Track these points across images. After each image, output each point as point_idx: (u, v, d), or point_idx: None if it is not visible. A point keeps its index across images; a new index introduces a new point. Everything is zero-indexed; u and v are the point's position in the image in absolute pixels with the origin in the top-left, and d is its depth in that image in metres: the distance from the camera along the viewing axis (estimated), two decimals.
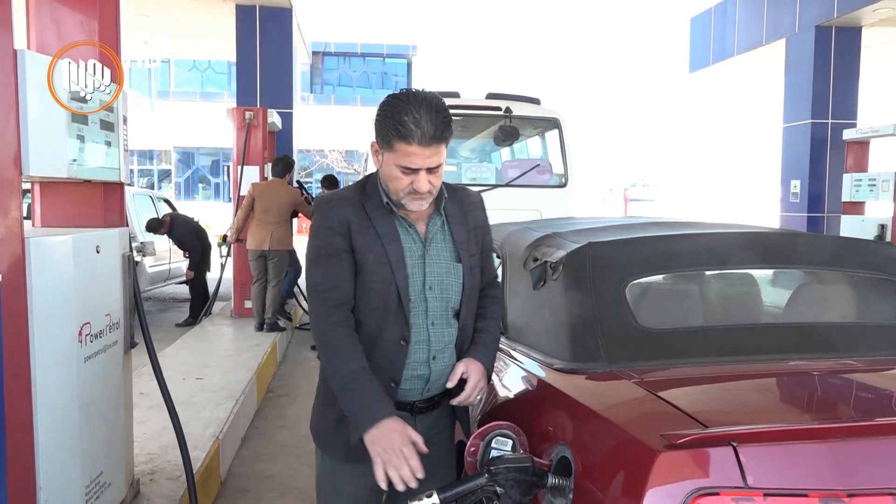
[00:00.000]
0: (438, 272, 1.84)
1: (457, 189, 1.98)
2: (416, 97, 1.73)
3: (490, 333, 1.95)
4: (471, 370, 1.84)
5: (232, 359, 5.82)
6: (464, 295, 1.87)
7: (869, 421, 1.55)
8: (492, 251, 2.05)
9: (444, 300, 1.85)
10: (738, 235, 2.50)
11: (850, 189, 8.94)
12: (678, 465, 1.35)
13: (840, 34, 10.00)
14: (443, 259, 1.86)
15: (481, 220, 1.97)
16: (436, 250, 1.85)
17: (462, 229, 1.89)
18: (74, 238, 2.40)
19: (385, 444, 1.66)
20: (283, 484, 3.76)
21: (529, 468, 1.61)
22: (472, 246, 1.91)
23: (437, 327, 1.85)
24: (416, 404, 1.89)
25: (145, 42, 12.55)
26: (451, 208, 1.90)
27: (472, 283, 1.89)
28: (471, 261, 1.89)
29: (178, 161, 33.17)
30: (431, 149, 1.70)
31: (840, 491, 1.29)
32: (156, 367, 2.86)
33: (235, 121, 8.01)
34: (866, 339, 2.13)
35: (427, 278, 1.83)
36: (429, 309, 1.83)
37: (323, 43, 33.19)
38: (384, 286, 1.79)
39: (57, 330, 2.29)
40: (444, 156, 1.75)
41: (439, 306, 1.85)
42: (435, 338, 1.84)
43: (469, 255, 1.89)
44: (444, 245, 1.87)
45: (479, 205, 1.99)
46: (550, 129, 6.74)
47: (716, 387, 1.85)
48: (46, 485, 2.22)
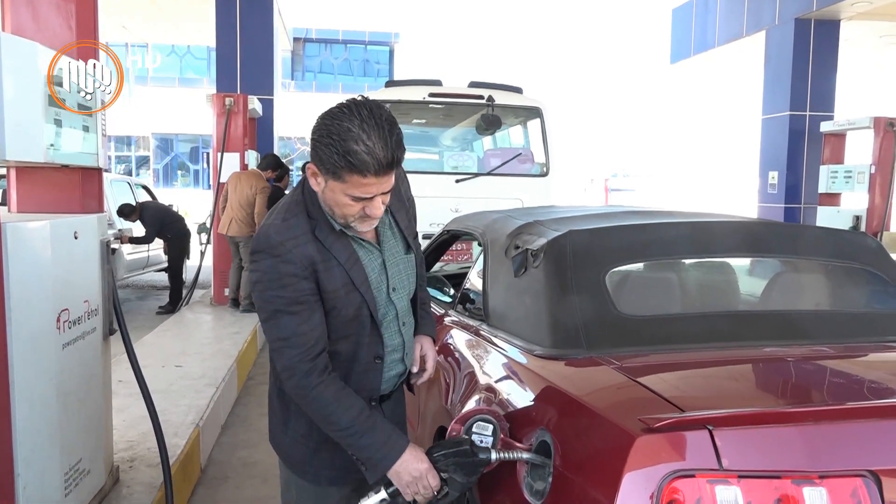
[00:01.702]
0: (397, 272, 1.79)
1: None
2: (363, 118, 1.51)
3: (426, 302, 1.98)
4: (426, 348, 1.90)
5: (212, 346, 5.80)
6: (418, 278, 1.87)
7: (840, 405, 1.58)
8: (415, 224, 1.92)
9: (406, 296, 1.83)
10: (716, 224, 2.53)
11: (826, 180, 9.05)
12: (655, 448, 1.37)
13: (819, 27, 10.10)
14: (397, 256, 1.80)
15: (408, 189, 1.90)
16: (390, 251, 1.78)
17: (403, 213, 1.82)
18: (52, 224, 2.38)
19: (413, 473, 1.63)
20: (264, 471, 3.76)
21: (468, 450, 1.64)
22: (412, 225, 1.86)
23: (407, 326, 1.84)
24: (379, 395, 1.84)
25: (123, 27, 12.36)
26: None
27: (420, 273, 1.91)
28: (415, 242, 1.86)
29: (157, 147, 32.76)
30: (383, 177, 1.54)
31: (812, 472, 1.32)
32: (130, 354, 2.83)
33: (215, 107, 7.94)
34: (839, 326, 2.17)
35: (390, 282, 1.77)
36: (398, 312, 1.80)
37: (304, 29, 32.87)
38: (356, 312, 1.70)
39: (35, 316, 2.26)
40: (392, 181, 1.59)
41: (404, 305, 1.83)
42: (407, 336, 1.85)
43: (413, 237, 1.84)
44: (394, 241, 1.80)
45: (403, 172, 1.87)
46: (532, 119, 6.76)
47: (693, 372, 1.88)
48: (24, 472, 2.21)
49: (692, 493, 1.33)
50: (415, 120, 7.44)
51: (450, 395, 2.39)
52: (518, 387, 2.00)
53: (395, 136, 1.53)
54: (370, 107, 1.54)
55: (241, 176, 7.47)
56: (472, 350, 2.46)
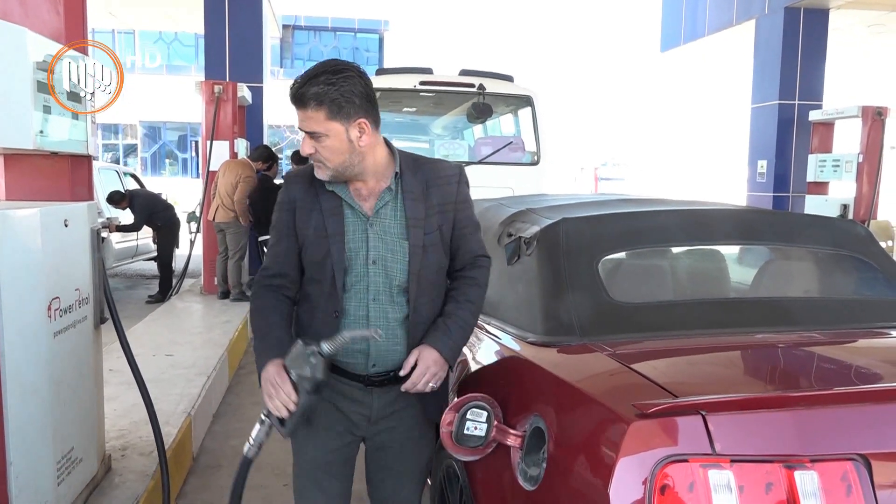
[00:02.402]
0: (382, 248, 1.83)
1: (428, 163, 1.94)
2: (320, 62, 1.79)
3: (456, 318, 1.87)
4: (422, 356, 1.81)
5: (202, 335, 5.78)
6: (411, 273, 1.83)
7: (831, 390, 1.60)
8: (473, 228, 1.94)
9: (387, 277, 1.84)
10: (709, 212, 2.55)
11: (814, 169, 9.10)
12: (649, 433, 1.39)
13: (808, 16, 10.11)
14: (389, 236, 1.84)
15: (452, 196, 1.89)
16: (382, 227, 1.84)
17: (420, 206, 1.85)
18: (42, 211, 2.36)
19: (264, 382, 1.80)
20: (257, 460, 3.75)
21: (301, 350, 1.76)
22: (430, 223, 1.86)
23: (378, 303, 1.84)
24: (367, 378, 1.88)
25: (111, 13, 12.22)
26: (411, 183, 1.86)
27: (424, 261, 1.84)
28: (425, 239, 1.84)
29: (145, 135, 32.48)
30: (301, 112, 1.75)
31: (803, 456, 1.34)
32: (123, 343, 2.83)
33: (204, 95, 7.87)
34: (829, 313, 2.20)
35: (370, 253, 1.83)
36: (370, 285, 1.83)
37: (293, 16, 32.61)
38: (322, 259, 1.84)
39: (25, 305, 2.25)
40: (320, 124, 1.73)
41: (382, 282, 1.84)
42: (375, 314, 1.84)
43: (424, 232, 1.84)
44: (392, 222, 1.85)
45: (453, 179, 1.90)
46: (523, 107, 6.76)
47: (686, 359, 1.90)
48: (17, 460, 2.20)
49: (685, 478, 1.34)
50: (405, 108, 7.43)
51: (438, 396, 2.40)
52: (511, 374, 2.01)
53: (314, 80, 1.72)
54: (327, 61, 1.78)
55: (230, 164, 7.48)
56: None
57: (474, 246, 1.94)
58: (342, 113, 1.73)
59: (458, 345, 1.88)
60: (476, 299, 1.91)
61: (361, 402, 1.91)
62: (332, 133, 1.74)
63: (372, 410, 1.92)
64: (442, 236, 1.88)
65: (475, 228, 1.95)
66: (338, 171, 1.80)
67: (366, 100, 1.77)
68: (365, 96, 1.76)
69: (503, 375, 2.05)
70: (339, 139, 1.75)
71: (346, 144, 1.76)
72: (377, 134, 1.84)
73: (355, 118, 1.75)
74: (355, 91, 1.74)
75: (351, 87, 1.73)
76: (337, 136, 1.75)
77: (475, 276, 1.92)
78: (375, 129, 1.82)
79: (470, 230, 1.93)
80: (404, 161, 1.89)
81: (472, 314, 1.91)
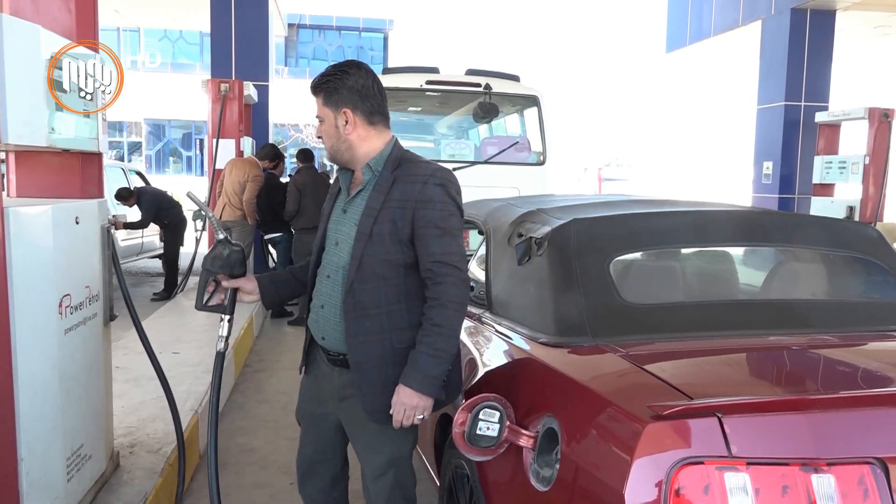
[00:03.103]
0: (342, 231, 2.03)
1: (410, 162, 2.00)
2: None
3: (423, 345, 1.88)
4: (396, 395, 1.90)
5: (208, 333, 5.78)
6: (353, 258, 1.94)
7: (847, 393, 1.60)
8: (437, 231, 1.90)
9: (339, 257, 2.01)
10: (719, 214, 2.54)
11: (820, 171, 9.09)
12: (664, 435, 1.39)
13: (815, 17, 10.09)
14: (350, 220, 2.01)
15: (414, 193, 1.92)
16: (351, 212, 2.02)
17: (379, 197, 1.95)
18: (54, 209, 2.36)
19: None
20: (263, 457, 3.77)
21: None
22: (384, 215, 1.92)
23: (331, 281, 2.03)
24: (328, 353, 2.08)
25: (116, 11, 12.23)
26: (384, 177, 1.98)
27: (368, 249, 1.93)
28: (374, 228, 1.92)
29: (149, 133, 32.52)
30: (316, 97, 2.01)
31: (820, 460, 1.33)
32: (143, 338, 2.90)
33: (211, 93, 7.88)
34: (841, 315, 2.19)
35: (336, 235, 2.05)
36: (329, 263, 2.06)
37: (298, 15, 32.63)
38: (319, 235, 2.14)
39: (37, 301, 2.25)
40: (321, 110, 2.01)
41: (335, 261, 2.03)
42: (326, 289, 2.05)
43: (375, 222, 1.93)
44: (357, 209, 2.00)
45: (420, 179, 1.93)
46: (529, 107, 6.74)
47: (699, 360, 1.90)
48: (28, 457, 2.21)
49: (701, 480, 1.34)
50: (411, 107, 7.42)
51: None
52: (523, 374, 2.01)
53: (325, 75, 1.99)
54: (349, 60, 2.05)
55: (237, 162, 7.45)
56: (475, 337, 2.47)
57: (434, 249, 1.90)
58: (331, 101, 1.98)
59: (431, 372, 1.88)
60: (441, 320, 1.88)
61: (328, 377, 2.12)
62: (325, 118, 2.01)
63: (333, 387, 2.09)
64: (396, 230, 1.92)
65: (440, 233, 1.91)
66: (330, 153, 2.06)
67: (355, 93, 1.96)
68: (355, 90, 1.96)
69: (515, 376, 2.05)
70: (330, 124, 2.01)
71: (333, 130, 2.01)
72: (370, 128, 2.00)
73: (342, 107, 1.97)
74: (346, 84, 1.96)
75: (343, 79, 1.96)
76: (328, 121, 2.01)
77: (436, 295, 1.89)
78: (367, 123, 1.99)
79: (431, 232, 1.90)
80: (394, 159, 2.00)
81: (441, 335, 1.88)
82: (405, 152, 2.04)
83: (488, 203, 3.06)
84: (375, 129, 2.00)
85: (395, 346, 1.95)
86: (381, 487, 2.08)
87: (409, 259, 1.94)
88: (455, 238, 1.93)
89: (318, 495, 2.30)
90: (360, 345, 1.95)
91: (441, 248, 1.89)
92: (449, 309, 1.88)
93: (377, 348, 1.94)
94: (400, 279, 1.95)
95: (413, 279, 1.96)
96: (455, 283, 1.89)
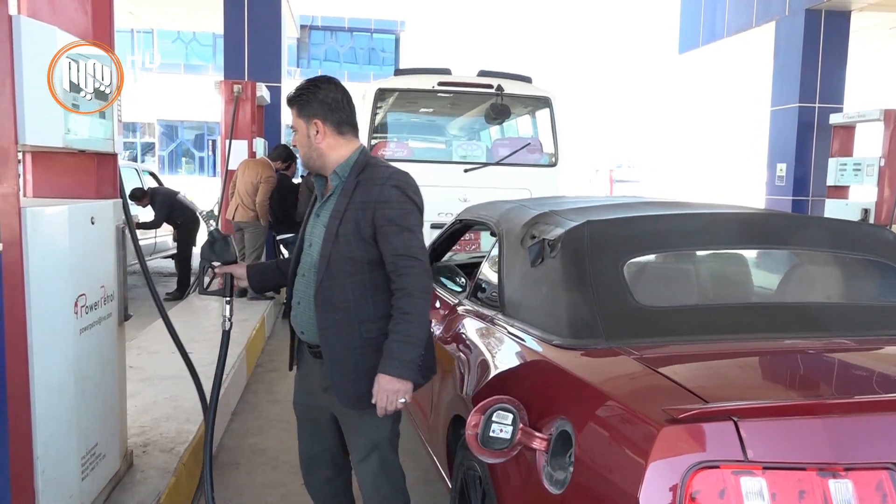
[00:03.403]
0: (315, 233, 2.21)
1: (372, 168, 2.17)
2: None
3: (395, 334, 2.03)
4: (376, 383, 2.04)
5: (220, 333, 5.80)
6: (322, 256, 2.13)
7: (865, 397, 1.58)
8: (396, 229, 2.06)
9: (311, 258, 2.20)
10: (734, 216, 2.53)
11: (835, 173, 9.01)
12: (680, 439, 1.38)
13: (829, 17, 10.02)
14: (321, 223, 2.19)
15: (374, 196, 2.09)
16: (322, 216, 2.20)
17: (343, 200, 2.13)
18: (70, 209, 2.38)
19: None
20: (274, 457, 3.78)
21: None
22: (348, 216, 2.10)
23: (304, 279, 2.23)
24: (309, 346, 2.26)
25: (131, 13, 12.32)
26: (349, 182, 2.15)
27: (334, 248, 2.10)
28: (339, 229, 2.10)
29: (162, 134, 32.73)
30: (290, 109, 2.20)
31: (837, 464, 1.32)
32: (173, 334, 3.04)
33: (223, 94, 7.92)
34: (857, 318, 2.17)
35: (311, 237, 2.22)
36: (304, 262, 2.24)
37: (310, 16, 32.74)
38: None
39: (53, 301, 2.27)
40: (294, 121, 2.19)
41: (308, 261, 2.22)
42: (300, 286, 2.25)
43: (338, 223, 2.11)
44: (327, 213, 2.18)
45: (379, 181, 2.10)
46: (541, 108, 6.73)
47: (713, 363, 1.88)
48: (43, 455, 2.22)
49: (716, 485, 1.33)
50: (423, 109, 7.42)
51: (465, 384, 2.40)
52: (536, 376, 2.01)
53: (304, 88, 2.17)
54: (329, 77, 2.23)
55: (250, 163, 7.49)
56: (487, 339, 2.47)
57: (395, 244, 2.06)
58: (304, 113, 2.16)
59: (406, 357, 2.02)
60: (410, 308, 2.03)
61: (312, 369, 2.31)
62: (299, 128, 2.20)
63: (317, 377, 2.28)
64: (360, 230, 2.09)
65: (400, 229, 2.07)
66: (304, 160, 2.24)
67: (325, 105, 2.15)
68: (325, 103, 2.15)
69: (528, 378, 2.04)
70: (303, 134, 2.19)
71: (306, 139, 2.18)
72: (339, 137, 2.18)
73: (312, 118, 2.15)
74: (317, 97, 2.14)
75: (315, 93, 2.15)
76: (301, 131, 2.19)
77: (402, 286, 2.05)
78: (336, 133, 2.17)
79: (392, 229, 2.07)
80: (359, 165, 2.17)
81: (411, 322, 2.03)
82: (371, 159, 2.21)
83: (500, 205, 3.06)
84: (344, 138, 2.18)
85: (363, 336, 2.12)
86: (366, 470, 2.26)
87: (373, 256, 2.10)
88: (414, 233, 2.09)
89: (322, 485, 2.48)
90: (331, 336, 2.13)
91: (402, 243, 2.06)
92: (415, 297, 2.03)
93: (346, 339, 2.12)
94: (365, 275, 2.12)
95: (377, 274, 2.12)
96: (418, 273, 2.05)
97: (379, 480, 2.26)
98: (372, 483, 2.26)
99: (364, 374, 2.10)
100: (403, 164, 6.29)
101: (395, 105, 6.75)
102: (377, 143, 6.30)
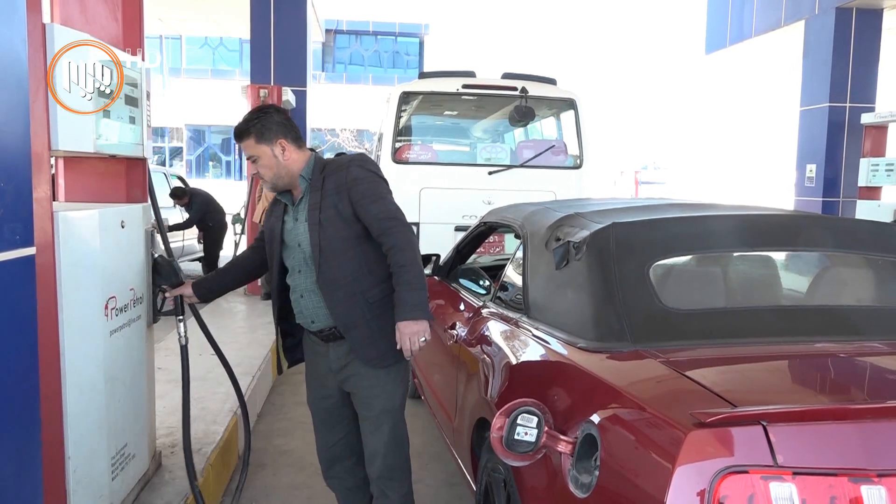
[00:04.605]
0: (299, 233, 2.38)
1: (333, 161, 2.43)
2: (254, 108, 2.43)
3: (401, 285, 2.23)
4: (397, 331, 2.22)
5: (246, 336, 5.87)
6: (313, 246, 2.32)
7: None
8: (373, 198, 2.29)
9: (303, 253, 2.38)
10: (762, 217, 2.49)
11: (866, 174, 8.84)
12: (708, 443, 1.36)
13: (861, 16, 9.85)
14: (300, 223, 2.38)
15: (343, 179, 2.32)
16: (300, 217, 2.39)
17: (316, 194, 2.35)
18: (101, 213, 2.42)
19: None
20: (300, 459, 3.81)
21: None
22: (325, 204, 2.32)
23: (301, 274, 2.41)
24: (320, 333, 2.44)
25: (159, 19, 12.51)
26: (316, 179, 2.37)
27: (322, 235, 2.30)
28: (321, 217, 2.31)
29: (190, 139, 33.17)
30: (240, 144, 2.38)
31: (870, 471, 1.30)
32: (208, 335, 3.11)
33: (250, 98, 8.00)
34: (889, 322, 2.13)
35: (297, 239, 2.39)
36: (295, 261, 2.41)
37: (335, 21, 32.98)
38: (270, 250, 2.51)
39: (84, 303, 2.31)
40: (255, 150, 2.35)
41: (301, 258, 2.39)
42: (299, 283, 2.42)
43: (318, 211, 2.32)
44: (303, 212, 2.38)
45: (343, 166, 2.36)
46: (566, 110, 6.70)
47: (741, 367, 1.86)
48: (74, 455, 2.26)
49: (745, 490, 1.31)
50: (447, 111, 7.43)
51: (489, 387, 2.40)
52: (561, 379, 2.00)
53: (245, 120, 2.37)
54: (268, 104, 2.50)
55: None
56: (512, 342, 2.46)
57: (376, 211, 2.28)
58: (265, 138, 2.34)
59: (414, 300, 2.21)
60: (404, 260, 2.24)
61: (324, 355, 2.49)
62: (261, 155, 2.36)
63: (330, 361, 2.47)
64: (340, 212, 2.30)
65: (375, 198, 2.30)
66: (273, 182, 2.40)
67: (282, 126, 2.36)
68: (281, 123, 2.36)
69: (553, 381, 2.03)
70: (268, 157, 2.36)
71: (273, 161, 2.36)
72: (299, 151, 2.40)
73: (277, 139, 2.34)
74: (274, 120, 2.35)
75: (269, 118, 2.35)
76: (266, 155, 2.36)
77: (392, 244, 2.25)
78: (296, 147, 2.39)
79: (368, 200, 2.29)
80: (320, 164, 2.40)
81: (410, 271, 2.23)
82: (327, 158, 2.46)
83: (525, 207, 3.05)
84: (301, 150, 2.42)
85: (369, 302, 2.34)
86: (378, 440, 2.42)
87: (358, 231, 2.32)
88: (387, 199, 2.33)
89: (344, 476, 2.65)
90: (343, 311, 2.34)
91: (381, 208, 2.28)
92: (406, 250, 2.25)
93: (356, 308, 2.33)
94: (356, 249, 2.33)
95: (366, 246, 2.33)
96: (401, 229, 2.27)
97: (389, 448, 2.43)
98: (383, 453, 2.42)
99: (379, 334, 2.33)
100: (428, 167, 6.35)
101: (419, 108, 6.76)
102: (401, 147, 6.31)
